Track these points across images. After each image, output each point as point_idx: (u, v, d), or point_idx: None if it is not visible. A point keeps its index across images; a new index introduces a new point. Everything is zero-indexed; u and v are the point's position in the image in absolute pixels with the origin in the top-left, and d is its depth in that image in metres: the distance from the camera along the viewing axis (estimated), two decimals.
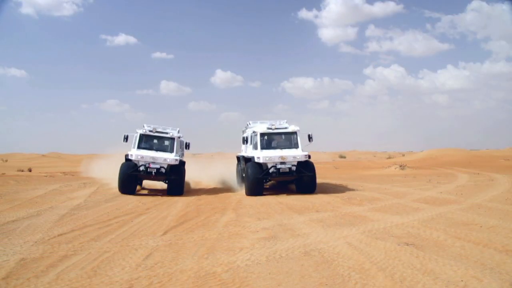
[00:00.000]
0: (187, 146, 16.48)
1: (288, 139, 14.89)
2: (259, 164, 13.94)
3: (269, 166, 13.78)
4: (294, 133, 14.86)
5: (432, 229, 7.39)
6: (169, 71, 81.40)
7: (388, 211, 9.71)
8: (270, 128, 14.82)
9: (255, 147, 14.72)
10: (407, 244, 6.26)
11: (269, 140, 14.81)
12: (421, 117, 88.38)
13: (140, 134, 14.93)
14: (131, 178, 14.06)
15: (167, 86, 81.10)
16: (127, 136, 14.81)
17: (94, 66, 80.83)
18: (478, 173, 23.87)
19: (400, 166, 31.84)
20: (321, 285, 4.59)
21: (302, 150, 14.32)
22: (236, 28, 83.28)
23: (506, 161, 37.42)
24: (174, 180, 14.23)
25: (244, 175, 15.09)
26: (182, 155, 16.67)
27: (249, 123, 16.75)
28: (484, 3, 68.74)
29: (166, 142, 15.24)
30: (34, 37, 74.63)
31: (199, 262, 5.57)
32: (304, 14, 77.92)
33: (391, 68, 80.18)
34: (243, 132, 17.78)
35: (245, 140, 15.93)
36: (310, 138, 14.72)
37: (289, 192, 14.69)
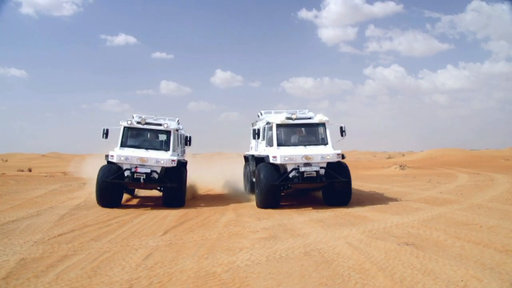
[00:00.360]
0: (188, 141, 12.80)
1: (314, 133, 11.63)
2: (275, 165, 10.69)
3: (289, 168, 10.50)
4: (322, 124, 11.48)
5: (432, 229, 7.39)
6: (169, 71, 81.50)
7: (388, 211, 9.71)
8: (290, 118, 11.32)
9: (270, 143, 11.41)
10: (407, 244, 6.26)
11: (288, 134, 11.52)
12: (421, 117, 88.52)
13: (125, 127, 11.48)
14: (112, 187, 10.63)
15: (167, 86, 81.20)
16: (107, 131, 11.43)
17: (94, 66, 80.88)
18: (478, 173, 23.88)
19: (400, 166, 31.87)
20: (321, 285, 4.59)
21: (333, 148, 11.06)
22: (236, 28, 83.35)
23: (506, 161, 37.43)
24: (172, 188, 10.80)
25: (254, 179, 12.01)
26: (183, 153, 13.40)
27: (261, 113, 13.10)
28: (484, 3, 68.78)
29: (160, 137, 11.91)
30: (34, 37, 74.71)
31: (199, 262, 5.57)
32: (304, 14, 78.05)
33: (391, 68, 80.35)
34: (253, 124, 14.39)
35: (256, 134, 12.15)
36: (342, 131, 11.23)
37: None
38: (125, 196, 12.48)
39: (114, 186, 10.67)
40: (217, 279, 4.84)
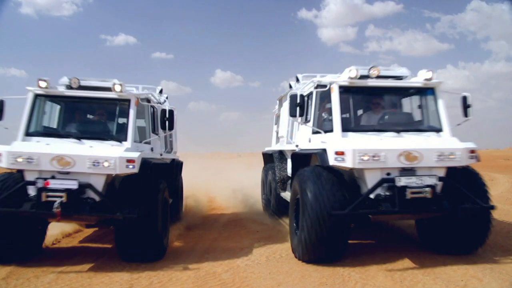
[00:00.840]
0: (167, 119, 6.24)
1: (412, 108, 6.26)
2: (336, 172, 5.42)
3: (371, 180, 5.10)
4: (430, 91, 5.99)
5: None
6: (169, 71, 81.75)
7: None
8: (366, 77, 5.78)
9: (325, 126, 5.94)
10: (407, 243, 6.25)
11: (364, 108, 6.28)
12: None
13: (36, 97, 5.90)
14: (5, 221, 5.23)
15: (167, 86, 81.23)
16: (2, 104, 5.91)
17: (94, 66, 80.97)
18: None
19: None
20: (321, 285, 4.59)
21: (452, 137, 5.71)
22: (236, 28, 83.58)
23: (506, 161, 37.40)
24: (128, 223, 5.17)
25: (282, 193, 7.79)
26: (168, 146, 8.19)
27: (298, 79, 7.50)
28: (483, 3, 69.03)
29: (110, 114, 6.08)
30: (34, 37, 74.76)
31: (199, 262, 5.57)
32: (304, 14, 78.44)
33: None
34: (280, 101, 9.16)
35: (295, 107, 5.78)
36: (467, 107, 5.98)
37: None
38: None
39: (9, 220, 5.24)
40: (217, 279, 4.84)
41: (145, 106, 6.58)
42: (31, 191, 5.20)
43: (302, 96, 5.84)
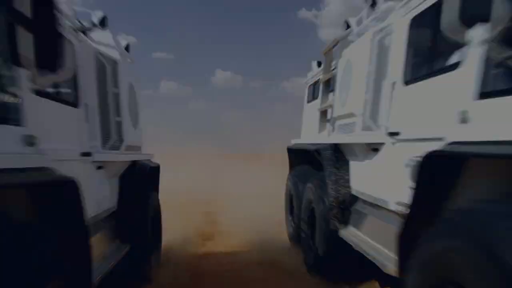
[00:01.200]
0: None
1: None
2: None
3: None
4: None
5: None
6: (169, 71, 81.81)
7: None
8: None
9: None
10: None
11: None
12: None
13: None
14: None
15: (167, 86, 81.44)
16: None
17: None
18: None
19: None
20: (321, 284, 4.59)
21: None
22: (236, 28, 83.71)
23: None
24: None
25: (337, 228, 4.31)
26: (118, 137, 4.00)
27: (348, 24, 4.65)
28: None
29: None
30: None
31: (199, 261, 5.57)
32: (304, 14, 78.37)
33: None
34: (327, 55, 5.30)
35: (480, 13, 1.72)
36: None
37: None
38: None
39: None
40: (217, 279, 4.84)
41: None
42: None
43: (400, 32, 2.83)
